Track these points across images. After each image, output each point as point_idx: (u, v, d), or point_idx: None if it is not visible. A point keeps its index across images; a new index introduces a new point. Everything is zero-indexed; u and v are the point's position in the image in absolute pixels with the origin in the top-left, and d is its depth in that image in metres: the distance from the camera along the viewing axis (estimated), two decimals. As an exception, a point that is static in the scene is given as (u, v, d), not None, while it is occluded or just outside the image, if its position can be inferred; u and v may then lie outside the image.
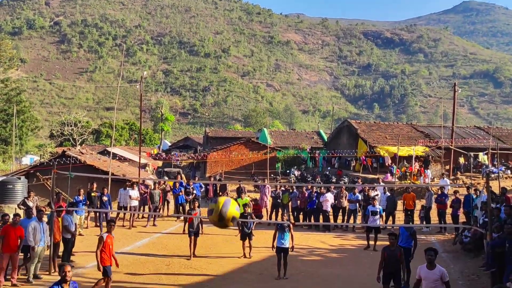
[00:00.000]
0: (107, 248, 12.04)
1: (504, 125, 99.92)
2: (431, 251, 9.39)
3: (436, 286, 8.99)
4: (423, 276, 9.17)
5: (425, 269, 9.21)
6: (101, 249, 11.94)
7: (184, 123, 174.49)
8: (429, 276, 9.09)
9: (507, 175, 34.32)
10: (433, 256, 9.28)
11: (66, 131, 61.37)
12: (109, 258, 12.04)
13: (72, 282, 8.42)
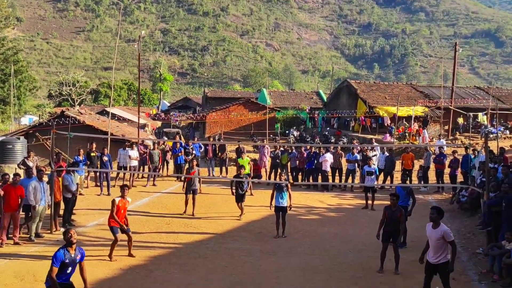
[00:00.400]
0: (119, 211, 12.25)
1: (504, 85, 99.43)
2: (433, 209, 9.46)
3: (439, 245, 9.07)
4: (428, 234, 9.28)
5: (430, 227, 9.31)
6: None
7: (182, 83, 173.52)
8: (432, 234, 9.20)
9: (505, 135, 34.38)
10: (434, 214, 9.31)
11: (65, 91, 61.12)
12: (120, 221, 12.24)
13: (79, 248, 8.45)
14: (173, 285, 10.47)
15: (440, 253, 9.09)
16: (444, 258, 9.09)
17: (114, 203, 12.26)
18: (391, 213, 11.57)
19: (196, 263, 12.09)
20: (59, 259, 8.13)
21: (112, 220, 12.24)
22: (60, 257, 8.15)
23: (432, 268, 9.26)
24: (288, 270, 11.60)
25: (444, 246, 9.09)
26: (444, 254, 9.09)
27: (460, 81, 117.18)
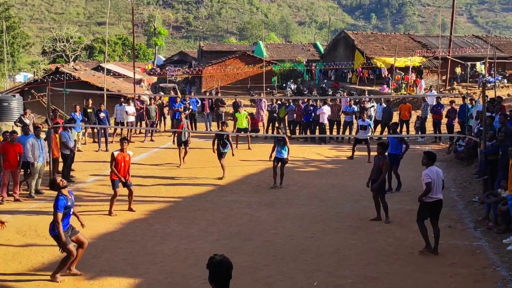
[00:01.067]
0: (119, 165, 12.32)
1: (503, 34, 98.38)
2: (424, 153, 9.97)
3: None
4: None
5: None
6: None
7: (177, 37, 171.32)
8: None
9: (503, 84, 34.24)
10: (424, 159, 9.81)
11: (59, 47, 60.31)
12: (120, 174, 12.33)
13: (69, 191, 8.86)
14: (173, 238, 10.62)
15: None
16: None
17: (112, 156, 12.32)
18: (376, 162, 11.79)
19: (196, 216, 12.24)
20: (62, 205, 8.46)
21: (112, 174, 12.31)
22: (64, 203, 8.47)
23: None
24: (286, 221, 11.76)
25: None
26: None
27: (459, 30, 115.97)
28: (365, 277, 8.53)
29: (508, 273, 8.46)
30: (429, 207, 9.74)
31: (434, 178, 9.59)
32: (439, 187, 9.70)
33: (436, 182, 9.60)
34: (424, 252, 9.60)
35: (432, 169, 9.76)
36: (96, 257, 9.51)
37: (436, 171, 9.77)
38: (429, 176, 9.60)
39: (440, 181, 9.70)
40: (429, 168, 9.75)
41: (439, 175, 9.75)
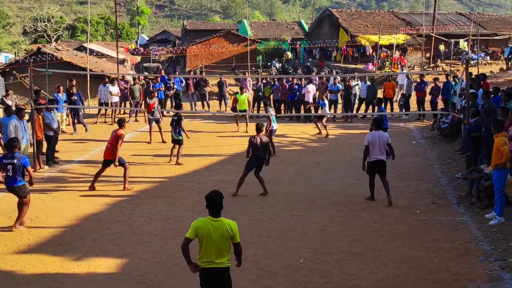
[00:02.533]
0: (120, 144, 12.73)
1: (486, 11, 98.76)
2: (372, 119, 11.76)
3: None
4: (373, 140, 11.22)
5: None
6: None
7: (161, 16, 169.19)
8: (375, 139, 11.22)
9: (486, 61, 34.45)
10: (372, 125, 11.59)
11: (40, 28, 59.35)
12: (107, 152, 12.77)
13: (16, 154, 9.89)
14: (160, 218, 10.64)
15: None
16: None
17: (122, 138, 12.74)
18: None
19: (182, 195, 12.25)
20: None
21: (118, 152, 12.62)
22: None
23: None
24: (272, 199, 11.82)
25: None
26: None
27: (442, 7, 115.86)
28: (351, 253, 8.65)
29: (490, 247, 8.62)
30: (372, 166, 11.23)
31: (374, 140, 11.08)
32: (380, 149, 11.12)
33: (376, 144, 11.07)
34: (368, 200, 11.44)
35: (374, 133, 11.26)
36: (83, 238, 9.51)
37: (379, 135, 11.19)
38: (368, 140, 11.18)
39: (381, 144, 11.10)
40: (372, 132, 11.37)
41: (381, 138, 11.16)
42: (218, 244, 5.84)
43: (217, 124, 19.48)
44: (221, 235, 5.85)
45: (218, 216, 5.91)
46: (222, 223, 5.88)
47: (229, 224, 5.94)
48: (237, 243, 6.02)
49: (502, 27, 40.42)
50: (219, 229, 5.84)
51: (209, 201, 5.92)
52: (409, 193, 12.08)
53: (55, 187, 12.96)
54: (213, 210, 5.91)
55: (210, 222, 5.87)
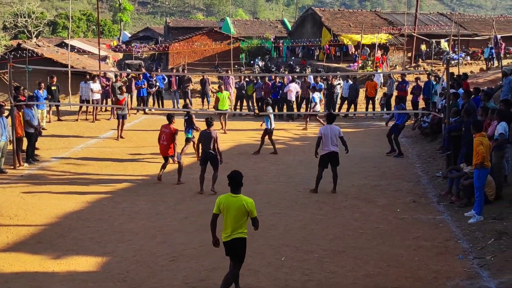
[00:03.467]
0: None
1: (467, 11, 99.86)
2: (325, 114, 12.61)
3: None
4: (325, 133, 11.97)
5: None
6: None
7: (143, 13, 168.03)
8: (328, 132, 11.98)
9: (466, 61, 34.83)
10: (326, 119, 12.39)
11: (20, 23, 58.49)
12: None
13: None
14: (141, 216, 10.59)
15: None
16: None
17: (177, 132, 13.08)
18: None
19: (164, 193, 12.21)
20: None
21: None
22: None
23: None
24: (254, 197, 11.65)
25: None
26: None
27: (424, 7, 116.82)
28: (332, 251, 8.69)
29: (469, 246, 8.73)
30: (325, 157, 11.99)
31: (327, 133, 11.88)
32: (332, 142, 11.91)
33: (328, 137, 11.87)
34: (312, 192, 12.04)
35: (327, 127, 12.12)
36: (63, 237, 9.43)
37: (331, 129, 12.01)
38: (320, 132, 12.02)
39: (333, 137, 11.91)
40: (325, 125, 12.27)
41: (333, 132, 11.98)
42: (236, 217, 6.76)
43: (199, 123, 19.35)
44: (238, 209, 6.76)
45: (237, 193, 6.85)
46: (240, 199, 6.80)
47: (246, 200, 6.83)
48: (254, 218, 6.92)
49: (482, 27, 40.91)
50: (237, 204, 6.77)
51: (231, 179, 6.88)
52: (390, 192, 12.17)
53: (35, 184, 12.82)
54: (233, 187, 6.87)
55: (230, 198, 6.84)
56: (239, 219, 6.78)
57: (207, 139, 12.27)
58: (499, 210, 9.98)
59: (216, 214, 6.94)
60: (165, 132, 13.06)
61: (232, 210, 6.76)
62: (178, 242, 9.14)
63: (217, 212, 6.91)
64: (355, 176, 13.68)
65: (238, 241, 6.84)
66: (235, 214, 6.76)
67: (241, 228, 6.83)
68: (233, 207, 6.77)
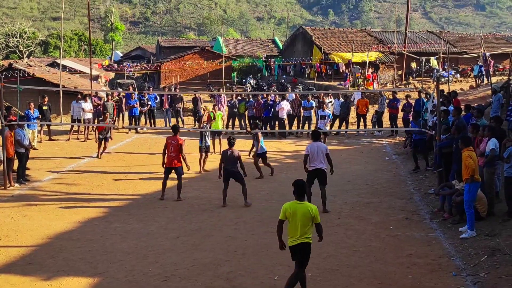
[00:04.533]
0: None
1: (456, 29, 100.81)
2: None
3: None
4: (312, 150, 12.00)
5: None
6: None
7: (135, 32, 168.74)
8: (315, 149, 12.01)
9: (456, 78, 35.14)
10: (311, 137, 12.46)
11: (12, 43, 58.50)
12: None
13: None
14: (133, 236, 10.50)
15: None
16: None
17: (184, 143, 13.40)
18: None
19: (156, 213, 12.14)
20: None
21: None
22: None
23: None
24: (247, 216, 11.79)
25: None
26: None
27: (414, 25, 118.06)
28: (325, 269, 8.65)
29: (462, 262, 8.72)
30: (312, 174, 12.00)
31: (313, 151, 11.90)
32: (319, 159, 11.92)
33: (315, 154, 11.89)
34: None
35: (313, 144, 12.09)
36: (54, 257, 9.32)
37: (317, 146, 12.03)
38: (307, 150, 12.01)
39: (320, 154, 11.92)
40: (311, 143, 12.17)
41: (319, 149, 12.00)
42: (302, 223, 7.22)
43: (191, 141, 19.35)
44: (304, 215, 7.23)
45: (302, 200, 7.39)
46: (305, 205, 7.32)
47: (311, 207, 7.33)
48: (318, 223, 7.40)
49: (471, 45, 41.36)
50: (302, 210, 7.26)
51: (297, 187, 7.43)
52: (382, 209, 12.16)
53: (26, 205, 12.71)
54: (299, 194, 7.41)
55: (296, 204, 7.33)
56: (306, 224, 7.25)
57: (230, 158, 12.71)
58: (491, 227, 10.00)
59: (282, 220, 7.41)
60: (172, 143, 13.22)
61: (299, 215, 7.24)
62: (170, 262, 9.06)
63: (283, 218, 7.37)
64: (348, 193, 13.68)
65: (305, 245, 7.27)
66: (302, 219, 7.23)
67: (308, 233, 7.27)
68: (299, 213, 7.25)
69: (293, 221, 7.26)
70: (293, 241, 7.27)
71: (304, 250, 7.29)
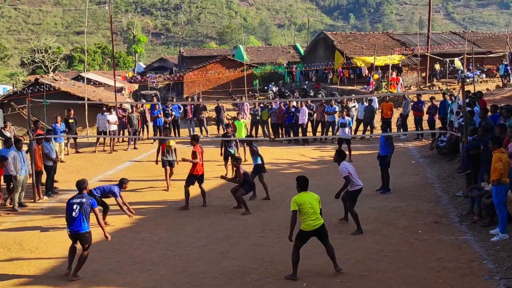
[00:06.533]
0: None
1: (480, 29, 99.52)
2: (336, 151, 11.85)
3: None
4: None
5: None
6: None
7: (157, 43, 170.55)
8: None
9: (482, 79, 34.65)
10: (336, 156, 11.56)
11: (37, 58, 59.66)
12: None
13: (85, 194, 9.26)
14: (161, 245, 10.57)
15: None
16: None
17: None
18: None
19: (183, 222, 12.20)
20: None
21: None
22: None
23: None
24: (273, 223, 11.76)
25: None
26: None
27: (436, 27, 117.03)
28: (354, 275, 8.57)
29: (494, 266, 8.55)
30: (358, 193, 11.23)
31: (351, 170, 11.13)
32: (358, 175, 11.32)
33: (354, 172, 11.17)
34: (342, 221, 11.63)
35: (346, 163, 11.36)
36: (83, 268, 9.40)
37: (349, 165, 11.43)
38: (347, 170, 11.08)
39: (355, 172, 11.29)
40: (343, 162, 11.31)
41: (352, 167, 11.34)
42: (315, 206, 8.46)
43: (214, 149, 19.48)
44: (315, 199, 8.57)
45: (307, 190, 8.70)
46: (310, 193, 8.70)
47: (315, 194, 8.74)
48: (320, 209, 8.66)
49: (496, 44, 40.74)
50: (312, 196, 8.61)
51: (302, 181, 8.74)
52: (410, 213, 12.02)
53: (55, 217, 12.89)
54: (304, 187, 8.70)
55: (303, 194, 8.60)
56: (317, 207, 8.51)
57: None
58: (523, 229, 9.80)
59: (296, 211, 8.43)
60: (201, 152, 13.69)
61: (311, 201, 8.48)
62: (198, 271, 9.09)
63: (296, 209, 8.43)
64: (374, 198, 13.57)
65: (323, 225, 8.57)
66: (314, 203, 8.49)
67: (320, 215, 8.56)
68: (310, 199, 8.51)
69: (307, 207, 8.37)
70: (315, 223, 8.40)
71: (323, 229, 8.57)
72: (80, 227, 8.89)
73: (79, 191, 9.19)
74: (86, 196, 9.16)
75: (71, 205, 9.00)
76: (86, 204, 8.92)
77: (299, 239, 8.53)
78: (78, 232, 8.92)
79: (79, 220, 8.88)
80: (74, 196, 9.21)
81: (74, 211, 8.89)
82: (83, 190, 9.22)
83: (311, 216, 8.39)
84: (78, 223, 8.88)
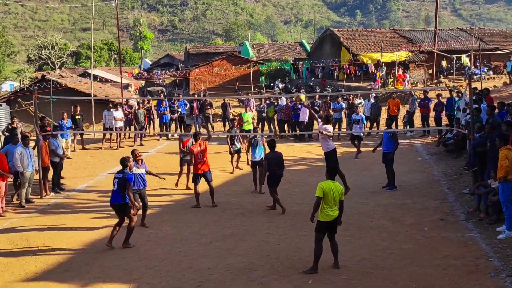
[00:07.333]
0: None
1: (487, 26, 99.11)
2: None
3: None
4: None
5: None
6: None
7: (163, 40, 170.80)
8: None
9: (489, 76, 34.48)
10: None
11: (44, 55, 59.89)
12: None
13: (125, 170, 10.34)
14: (166, 242, 10.59)
15: None
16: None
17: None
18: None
19: (188, 218, 12.21)
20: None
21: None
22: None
23: None
24: (279, 220, 11.76)
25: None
26: None
27: (443, 23, 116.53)
28: (359, 272, 8.56)
29: (501, 263, 8.53)
30: None
31: None
32: None
33: None
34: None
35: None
36: (89, 264, 9.47)
37: None
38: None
39: None
40: None
41: None
42: (336, 198, 8.64)
43: (220, 146, 19.51)
44: (339, 191, 8.71)
45: (334, 180, 8.88)
46: (337, 184, 8.85)
47: (340, 186, 8.86)
48: (342, 200, 8.81)
49: (504, 41, 40.54)
50: (337, 187, 8.75)
51: (331, 170, 9.08)
52: (416, 210, 11.99)
53: (61, 213, 12.96)
54: (332, 176, 8.94)
55: (331, 183, 8.74)
56: (338, 199, 8.66)
57: (276, 159, 12.57)
58: (530, 226, 9.75)
59: (319, 197, 8.57)
60: (204, 149, 13.21)
61: (335, 191, 8.63)
62: (204, 267, 9.10)
63: (320, 195, 8.56)
64: (381, 195, 13.54)
65: (336, 219, 8.72)
66: (336, 195, 8.63)
67: (337, 207, 8.71)
68: (335, 190, 8.65)
69: (330, 196, 8.56)
70: (333, 213, 8.62)
71: (335, 223, 8.72)
72: (116, 199, 10.18)
73: (123, 167, 10.33)
74: (125, 172, 10.25)
75: (113, 179, 10.29)
76: (123, 179, 10.09)
77: (318, 231, 8.70)
78: (114, 203, 10.26)
79: (116, 193, 10.15)
80: (117, 171, 10.43)
81: (114, 184, 10.18)
82: (126, 167, 10.34)
83: (332, 207, 8.59)
84: (115, 196, 10.17)
